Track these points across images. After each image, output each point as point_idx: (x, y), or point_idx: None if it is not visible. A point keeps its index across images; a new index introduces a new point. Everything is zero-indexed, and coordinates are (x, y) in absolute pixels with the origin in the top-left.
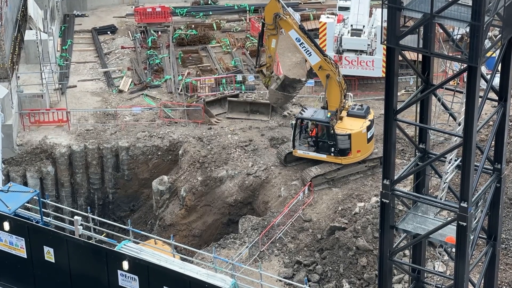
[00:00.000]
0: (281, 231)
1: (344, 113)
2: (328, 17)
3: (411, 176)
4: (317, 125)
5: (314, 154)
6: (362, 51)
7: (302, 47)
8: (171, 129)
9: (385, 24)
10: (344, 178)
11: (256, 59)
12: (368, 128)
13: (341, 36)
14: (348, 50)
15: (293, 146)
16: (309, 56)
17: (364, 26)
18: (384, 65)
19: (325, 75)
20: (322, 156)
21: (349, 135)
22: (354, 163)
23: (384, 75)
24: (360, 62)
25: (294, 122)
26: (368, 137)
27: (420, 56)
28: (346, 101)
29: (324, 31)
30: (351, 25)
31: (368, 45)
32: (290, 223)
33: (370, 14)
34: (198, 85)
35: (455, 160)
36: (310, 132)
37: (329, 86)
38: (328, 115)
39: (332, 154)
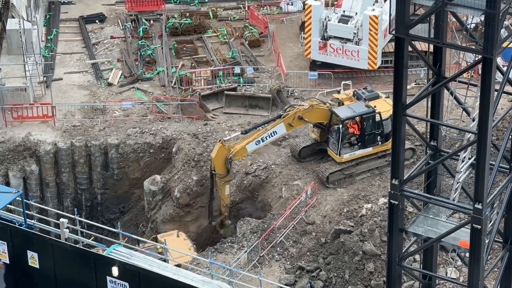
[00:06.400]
0: (282, 234)
1: (348, 102)
2: (315, 0)
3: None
4: (363, 119)
5: (361, 152)
6: (348, 40)
7: (267, 138)
8: (164, 125)
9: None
10: (349, 178)
11: (209, 214)
12: None
13: (327, 21)
14: (335, 37)
15: (339, 154)
16: (276, 134)
17: (356, 13)
18: (370, 57)
19: (298, 120)
20: (369, 150)
21: (391, 116)
22: (374, 157)
23: (369, 67)
24: (345, 51)
25: (339, 126)
26: None
27: (432, 46)
28: (338, 95)
29: (309, 14)
30: (344, 11)
31: (354, 33)
32: (292, 226)
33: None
34: (193, 77)
35: (469, 159)
36: (349, 130)
37: (316, 113)
38: (369, 104)
39: (379, 142)
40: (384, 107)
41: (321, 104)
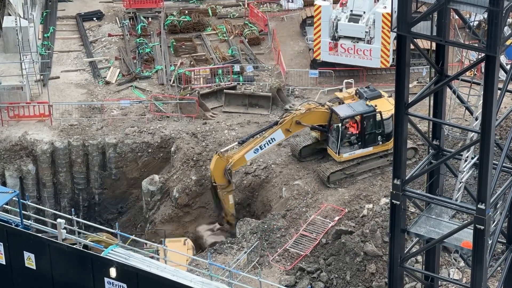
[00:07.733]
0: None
1: (350, 101)
2: (324, 0)
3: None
4: (363, 119)
5: (361, 151)
6: (359, 39)
7: (265, 145)
8: (163, 124)
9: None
10: (350, 177)
11: (218, 215)
12: None
13: (337, 21)
14: (345, 37)
15: (338, 153)
16: (274, 141)
17: (364, 12)
18: (383, 55)
19: (296, 125)
20: (369, 150)
21: (392, 116)
22: (376, 157)
23: (382, 66)
24: (357, 51)
25: (338, 125)
26: None
27: (434, 44)
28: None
29: (318, 15)
30: (351, 10)
31: (366, 32)
32: (299, 231)
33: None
34: (192, 76)
35: (472, 158)
36: (349, 130)
37: (314, 116)
38: (369, 104)
39: (380, 142)
40: (385, 106)
41: (318, 106)
